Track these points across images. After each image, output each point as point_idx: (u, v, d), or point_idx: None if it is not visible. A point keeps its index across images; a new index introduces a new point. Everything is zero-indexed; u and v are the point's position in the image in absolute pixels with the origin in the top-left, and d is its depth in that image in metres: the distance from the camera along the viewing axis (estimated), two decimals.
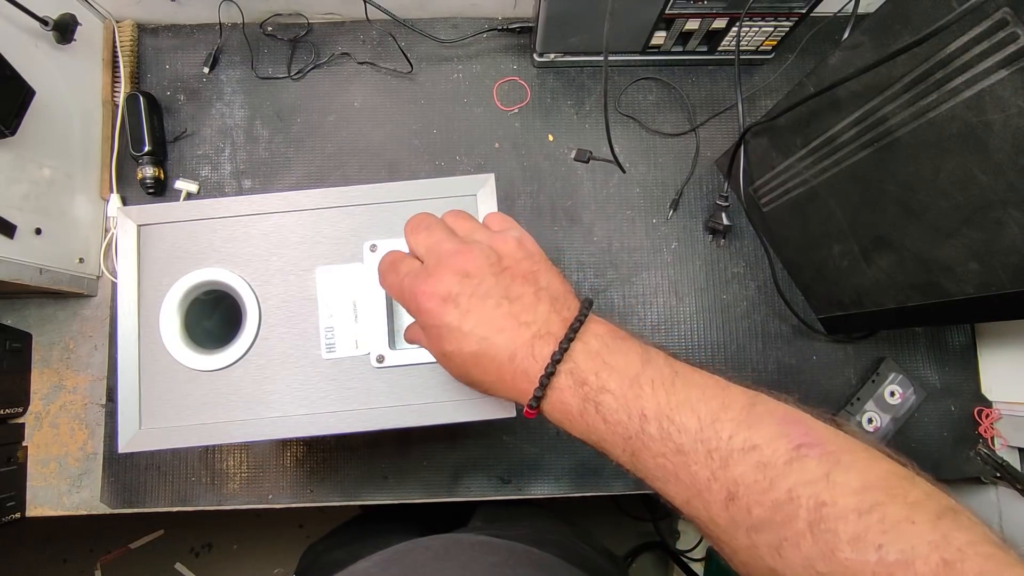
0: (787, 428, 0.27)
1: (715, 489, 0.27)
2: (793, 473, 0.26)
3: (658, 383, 0.29)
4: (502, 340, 0.30)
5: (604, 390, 0.29)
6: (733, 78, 0.67)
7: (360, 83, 0.69)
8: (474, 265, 0.32)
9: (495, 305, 0.31)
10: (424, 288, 0.32)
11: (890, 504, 0.24)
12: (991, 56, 0.35)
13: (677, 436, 0.28)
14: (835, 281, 0.59)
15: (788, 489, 0.25)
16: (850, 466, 0.26)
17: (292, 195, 0.45)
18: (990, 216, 0.39)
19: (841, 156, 0.50)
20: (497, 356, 0.31)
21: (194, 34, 0.69)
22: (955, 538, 0.23)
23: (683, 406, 0.28)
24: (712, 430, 0.27)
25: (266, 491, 0.62)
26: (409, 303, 0.33)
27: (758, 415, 0.28)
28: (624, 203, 0.68)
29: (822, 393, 0.66)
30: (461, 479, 0.63)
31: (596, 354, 0.30)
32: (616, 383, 0.29)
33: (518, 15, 0.70)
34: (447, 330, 0.31)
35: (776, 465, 0.26)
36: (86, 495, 0.62)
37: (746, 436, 0.27)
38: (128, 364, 0.43)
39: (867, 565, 0.23)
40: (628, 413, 0.29)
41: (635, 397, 0.29)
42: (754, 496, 0.26)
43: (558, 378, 0.30)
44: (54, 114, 0.58)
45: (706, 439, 0.27)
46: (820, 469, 0.25)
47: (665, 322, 0.66)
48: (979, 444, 0.65)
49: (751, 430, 0.27)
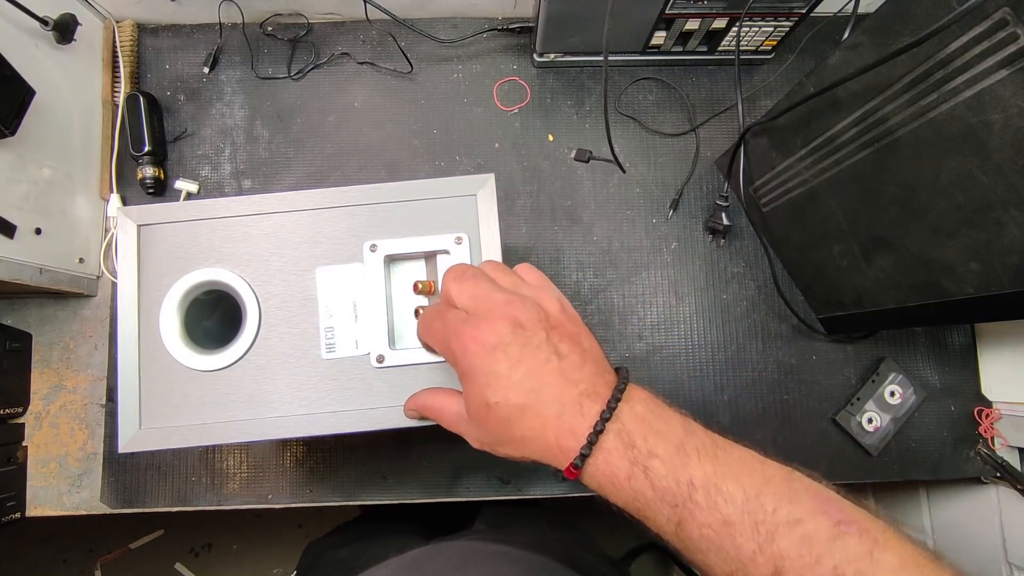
0: (824, 505, 0.28)
1: (760, 563, 0.27)
2: (837, 550, 0.26)
3: (703, 452, 0.29)
4: (550, 395, 0.30)
5: (653, 455, 0.29)
6: (733, 78, 0.68)
7: (360, 83, 0.69)
8: (526, 316, 0.31)
9: (545, 360, 0.31)
10: (474, 334, 0.31)
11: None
12: (991, 56, 0.35)
13: (724, 506, 0.27)
14: (835, 281, 0.59)
15: (834, 566, 0.26)
16: (887, 546, 0.26)
17: (292, 195, 0.45)
18: (990, 216, 0.39)
19: (841, 156, 0.50)
20: (543, 411, 0.30)
21: (194, 34, 0.69)
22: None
23: (728, 477, 0.28)
24: (757, 502, 0.27)
25: (266, 491, 0.62)
26: (456, 349, 0.32)
27: (797, 490, 0.28)
28: (624, 203, 0.68)
29: (822, 393, 0.66)
30: (461, 479, 0.63)
31: (642, 419, 0.30)
32: (664, 449, 0.29)
33: (518, 15, 0.70)
34: (495, 378, 0.31)
35: (820, 541, 0.26)
36: (86, 495, 0.62)
37: (789, 510, 0.27)
38: (128, 364, 0.43)
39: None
40: (676, 480, 0.28)
41: (683, 465, 0.28)
42: (799, 571, 0.26)
43: (606, 437, 0.29)
44: (54, 114, 0.58)
45: (752, 511, 0.27)
46: (862, 547, 0.26)
47: (665, 322, 0.66)
48: (979, 444, 0.65)
49: (793, 504, 0.27)
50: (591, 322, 0.66)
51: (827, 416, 0.65)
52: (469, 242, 0.45)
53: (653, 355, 0.66)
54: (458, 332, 0.32)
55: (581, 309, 0.66)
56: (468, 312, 0.33)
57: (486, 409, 0.32)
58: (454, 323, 0.33)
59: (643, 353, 0.66)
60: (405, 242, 0.45)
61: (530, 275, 0.37)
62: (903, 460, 0.65)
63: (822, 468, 0.65)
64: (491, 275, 0.36)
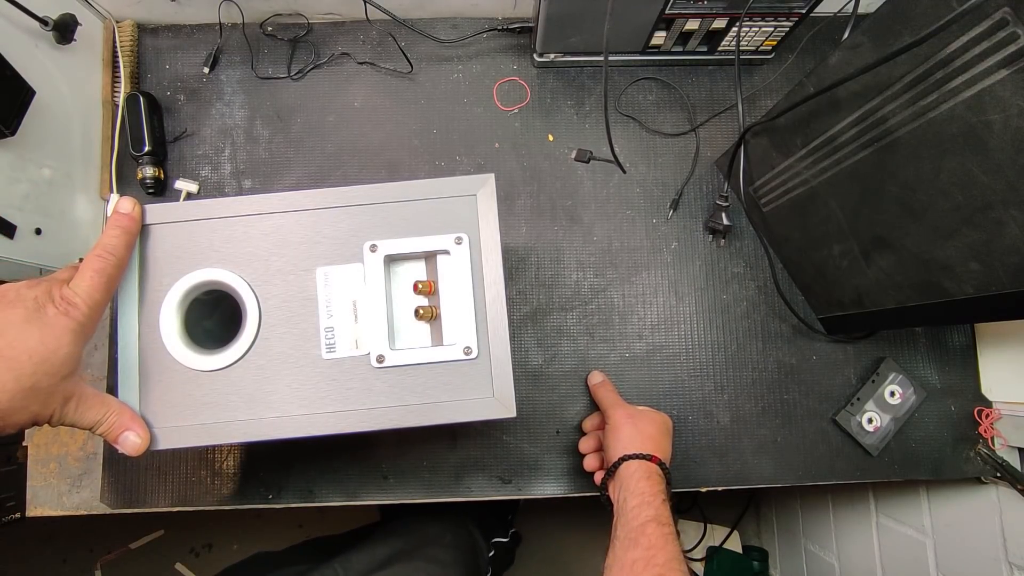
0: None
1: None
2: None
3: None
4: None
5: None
6: (733, 78, 0.68)
7: (360, 83, 0.69)
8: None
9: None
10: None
11: None
12: (991, 56, 0.35)
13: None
14: (835, 281, 0.59)
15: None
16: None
17: (292, 195, 0.45)
18: (990, 216, 0.39)
19: (841, 156, 0.50)
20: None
21: (194, 34, 0.69)
22: None
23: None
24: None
25: (266, 491, 0.62)
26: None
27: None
28: (624, 203, 0.68)
29: (822, 393, 0.66)
30: (461, 479, 0.63)
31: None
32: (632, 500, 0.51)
33: (518, 15, 0.70)
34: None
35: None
36: (86, 495, 0.62)
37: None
38: (128, 364, 0.43)
39: None
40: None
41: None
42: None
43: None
44: (54, 114, 0.58)
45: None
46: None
47: (665, 322, 0.66)
48: (979, 444, 0.65)
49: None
50: (591, 322, 0.66)
51: (827, 416, 0.65)
52: (469, 242, 0.45)
53: (653, 355, 0.66)
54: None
55: (581, 309, 0.66)
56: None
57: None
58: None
59: (643, 353, 0.66)
60: (405, 242, 0.45)
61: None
62: (903, 460, 0.65)
63: (822, 468, 0.65)
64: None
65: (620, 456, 0.52)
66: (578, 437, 0.63)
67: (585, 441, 0.61)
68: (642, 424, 0.55)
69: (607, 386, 0.62)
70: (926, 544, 0.73)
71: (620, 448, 0.53)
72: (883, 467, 0.65)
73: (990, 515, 0.65)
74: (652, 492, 0.49)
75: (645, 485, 0.49)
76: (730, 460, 0.65)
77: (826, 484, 0.65)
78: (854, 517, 0.88)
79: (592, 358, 0.65)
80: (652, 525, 0.46)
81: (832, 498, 0.94)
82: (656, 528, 0.46)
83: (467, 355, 0.44)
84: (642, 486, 0.49)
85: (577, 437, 0.63)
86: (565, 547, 1.31)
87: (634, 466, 0.51)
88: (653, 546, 0.45)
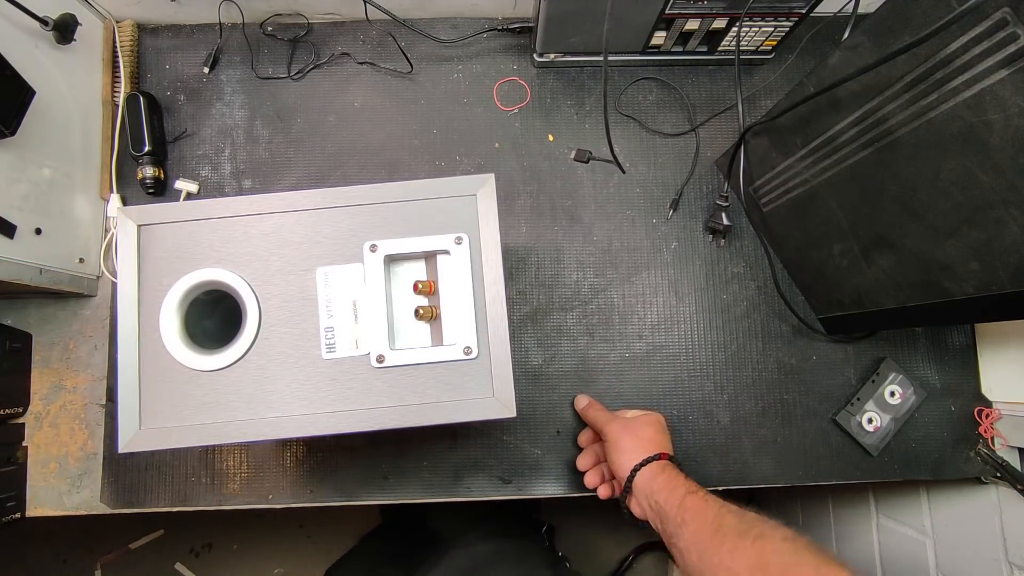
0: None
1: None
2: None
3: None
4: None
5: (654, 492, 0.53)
6: (733, 78, 0.68)
7: (360, 83, 0.69)
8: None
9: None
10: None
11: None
12: (991, 56, 0.35)
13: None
14: (835, 281, 0.59)
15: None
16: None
17: (292, 195, 0.45)
18: (990, 216, 0.39)
19: (841, 156, 0.50)
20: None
21: (194, 34, 0.69)
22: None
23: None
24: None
25: (266, 491, 0.62)
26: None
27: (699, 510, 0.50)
28: (624, 203, 0.68)
29: (822, 393, 0.66)
30: (461, 479, 0.63)
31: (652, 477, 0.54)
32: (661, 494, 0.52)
33: (518, 15, 0.70)
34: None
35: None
36: (86, 495, 0.62)
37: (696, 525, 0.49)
38: (128, 364, 0.43)
39: None
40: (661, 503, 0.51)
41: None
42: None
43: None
44: (54, 114, 0.58)
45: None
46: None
47: (665, 322, 0.66)
48: (979, 444, 0.65)
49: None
50: (591, 322, 0.66)
51: (827, 416, 0.65)
52: (469, 242, 0.45)
53: (653, 354, 0.66)
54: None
55: (581, 309, 0.66)
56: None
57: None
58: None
59: (643, 352, 0.66)
60: (405, 242, 0.45)
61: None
62: (903, 460, 0.65)
63: (822, 468, 0.65)
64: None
65: (631, 470, 0.53)
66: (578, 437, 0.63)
67: (583, 458, 0.61)
68: (639, 430, 0.56)
69: (594, 406, 0.62)
70: (926, 544, 0.73)
71: (626, 461, 0.53)
72: (883, 467, 0.65)
73: (990, 515, 0.65)
74: (673, 480, 0.50)
75: (664, 478, 0.51)
76: (730, 460, 0.65)
77: (826, 484, 0.65)
78: (854, 517, 0.88)
79: (592, 358, 0.65)
80: (688, 499, 0.48)
81: (832, 498, 0.94)
82: (693, 498, 0.48)
83: (467, 355, 0.44)
84: (661, 480, 0.51)
85: (577, 437, 0.64)
86: (591, 532, 1.32)
87: (647, 472, 0.52)
88: (700, 511, 0.46)
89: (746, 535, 0.43)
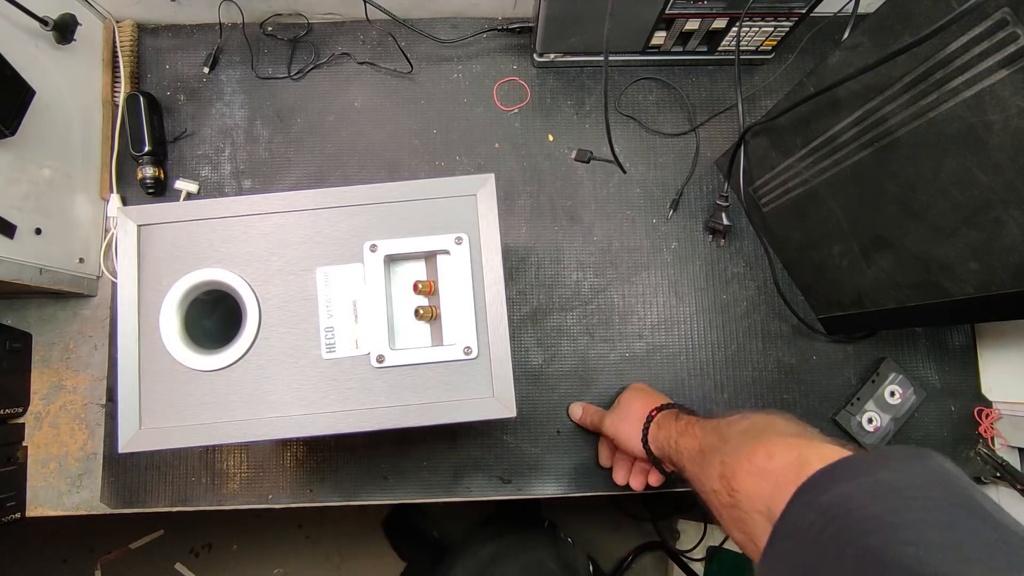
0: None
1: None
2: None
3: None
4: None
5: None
6: (733, 78, 0.67)
7: (360, 83, 0.69)
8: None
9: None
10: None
11: None
12: (991, 56, 0.35)
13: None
14: (835, 281, 0.59)
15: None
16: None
17: (292, 195, 0.45)
18: (990, 215, 0.39)
19: (841, 156, 0.50)
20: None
21: (194, 34, 0.69)
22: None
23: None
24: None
25: (266, 491, 0.62)
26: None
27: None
28: (624, 203, 0.68)
29: (822, 393, 0.66)
30: (461, 479, 0.63)
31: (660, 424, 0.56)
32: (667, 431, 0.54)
33: (518, 15, 0.70)
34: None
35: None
36: (86, 495, 0.62)
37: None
38: (128, 364, 0.43)
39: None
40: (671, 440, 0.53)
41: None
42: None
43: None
44: (54, 114, 0.58)
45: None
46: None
47: (665, 322, 0.66)
48: (979, 444, 0.65)
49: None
50: (591, 322, 0.66)
51: (827, 416, 0.65)
52: (469, 242, 0.45)
53: (653, 354, 0.66)
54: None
55: (581, 309, 0.66)
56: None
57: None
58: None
59: (643, 352, 0.66)
60: (405, 242, 0.45)
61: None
62: None
63: None
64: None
65: (642, 443, 0.54)
66: (578, 437, 0.64)
67: (603, 454, 0.63)
68: (628, 409, 0.57)
69: (588, 411, 0.63)
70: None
71: (633, 444, 0.55)
72: None
73: None
74: (676, 421, 0.52)
75: (668, 426, 0.52)
76: None
77: None
78: None
79: (592, 358, 0.65)
80: (693, 426, 0.49)
81: None
82: (697, 423, 0.49)
83: (467, 355, 0.44)
84: (665, 429, 0.52)
85: (577, 437, 0.64)
86: (591, 532, 1.32)
87: (651, 433, 0.54)
88: (706, 427, 0.47)
89: (724, 451, 0.43)
